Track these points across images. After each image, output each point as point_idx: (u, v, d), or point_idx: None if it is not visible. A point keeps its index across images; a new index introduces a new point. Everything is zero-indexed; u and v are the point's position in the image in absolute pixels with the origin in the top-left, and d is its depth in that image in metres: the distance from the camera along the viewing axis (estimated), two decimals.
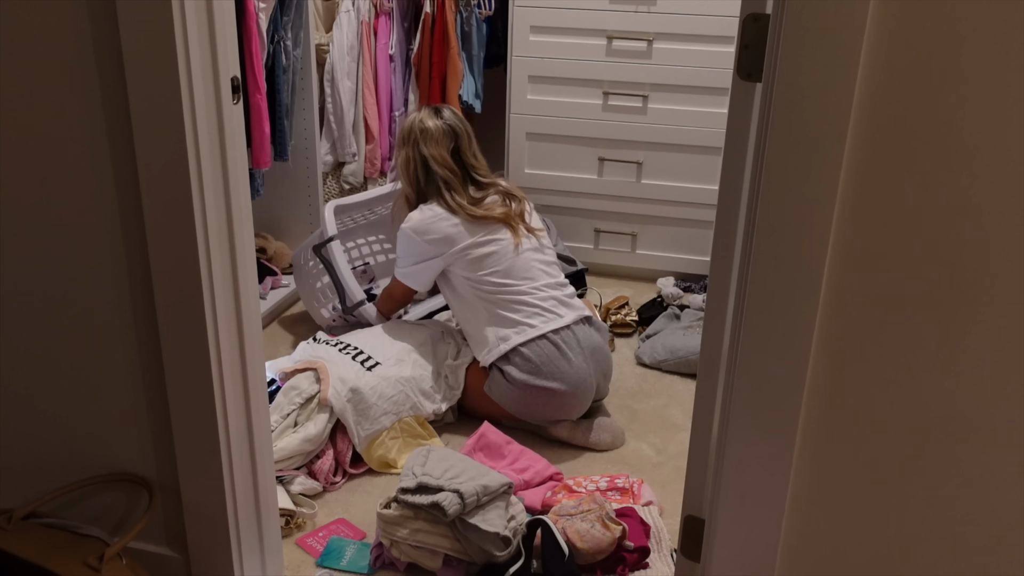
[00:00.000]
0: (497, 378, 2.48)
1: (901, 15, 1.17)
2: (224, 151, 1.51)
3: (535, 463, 2.29)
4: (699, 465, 1.63)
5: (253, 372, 1.68)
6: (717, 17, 3.20)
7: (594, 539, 1.93)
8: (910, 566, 1.46)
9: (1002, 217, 1.23)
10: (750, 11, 1.31)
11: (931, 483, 1.40)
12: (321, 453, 2.26)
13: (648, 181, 3.45)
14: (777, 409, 1.40)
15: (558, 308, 2.51)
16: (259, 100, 2.83)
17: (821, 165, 1.25)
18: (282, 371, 2.43)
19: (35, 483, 1.74)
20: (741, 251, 1.40)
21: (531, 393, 2.43)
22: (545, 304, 2.49)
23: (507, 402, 2.47)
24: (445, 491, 1.89)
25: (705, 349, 1.55)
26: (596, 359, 2.51)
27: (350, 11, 3.41)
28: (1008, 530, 1.39)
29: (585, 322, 2.54)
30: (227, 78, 1.48)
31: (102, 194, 1.53)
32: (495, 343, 2.47)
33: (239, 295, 1.60)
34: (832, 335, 1.35)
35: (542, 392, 2.42)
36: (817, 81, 1.21)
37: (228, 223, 1.55)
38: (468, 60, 3.54)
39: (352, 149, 3.57)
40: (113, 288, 1.60)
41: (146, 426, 1.69)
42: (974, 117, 1.20)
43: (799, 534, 1.48)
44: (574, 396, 2.45)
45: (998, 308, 1.28)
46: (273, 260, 3.32)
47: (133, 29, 1.39)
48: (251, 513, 1.76)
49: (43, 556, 1.53)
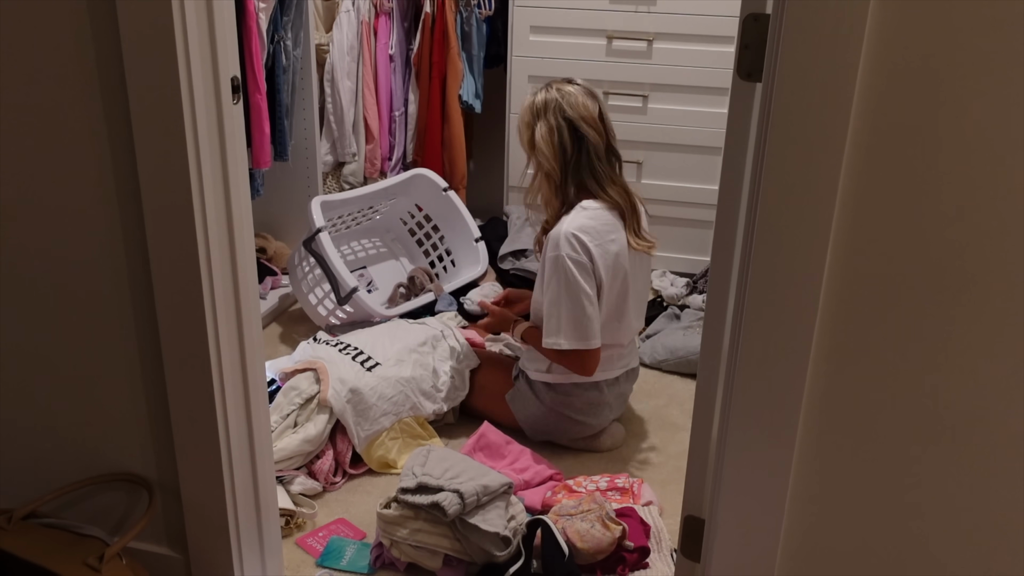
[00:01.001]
0: (525, 393, 2.42)
1: (901, 15, 1.17)
2: (224, 151, 1.51)
3: (535, 463, 2.29)
4: (699, 465, 1.63)
5: (253, 372, 1.68)
6: (717, 17, 3.20)
7: (594, 539, 1.93)
8: (910, 566, 1.46)
9: (1002, 216, 1.23)
10: (750, 11, 1.31)
11: (932, 482, 1.40)
12: (321, 453, 2.26)
13: (648, 181, 3.45)
14: (777, 409, 1.40)
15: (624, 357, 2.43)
16: (259, 100, 2.83)
17: (821, 165, 1.25)
18: (282, 371, 2.43)
19: (35, 483, 1.74)
20: (741, 251, 1.40)
21: (558, 420, 2.39)
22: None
23: (526, 418, 2.44)
24: (445, 491, 1.89)
25: (705, 349, 1.55)
26: (622, 404, 2.51)
27: (350, 11, 3.41)
28: (1010, 530, 1.39)
29: (632, 374, 2.50)
30: (227, 78, 1.48)
31: (102, 194, 1.53)
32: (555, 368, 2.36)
33: (239, 295, 1.60)
34: (832, 335, 1.35)
35: (569, 423, 2.39)
36: (817, 81, 1.21)
37: (228, 223, 1.55)
38: (468, 60, 3.54)
39: (352, 149, 3.56)
40: (113, 288, 1.60)
41: (146, 426, 1.69)
42: (974, 117, 1.20)
43: (799, 534, 1.48)
44: (595, 431, 2.44)
45: (998, 307, 1.28)
46: (273, 260, 3.32)
47: (133, 29, 1.39)
48: (251, 513, 1.76)
49: (43, 556, 1.53)
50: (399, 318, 2.88)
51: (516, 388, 2.46)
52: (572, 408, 2.38)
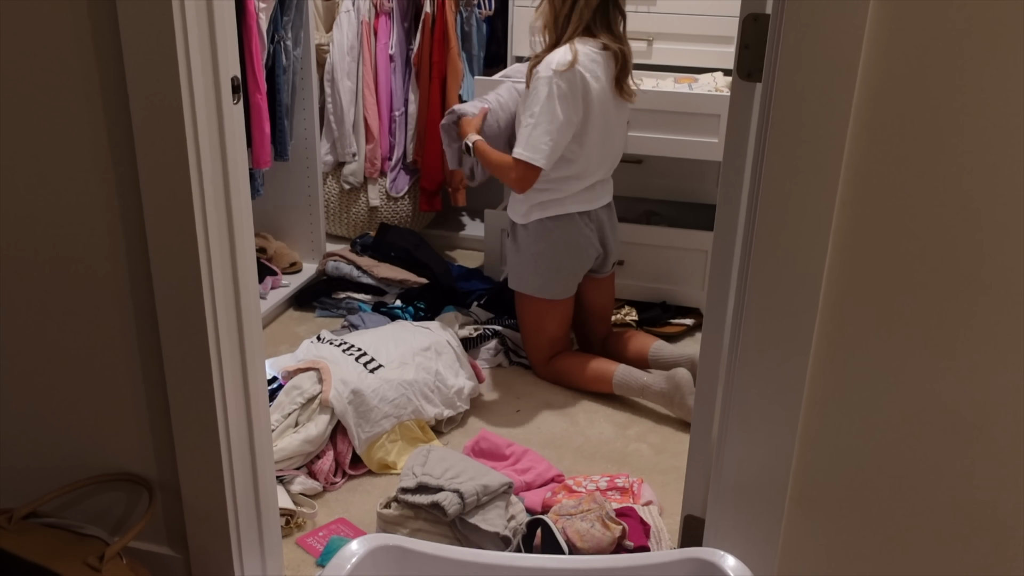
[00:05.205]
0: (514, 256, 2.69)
1: (901, 15, 1.18)
2: (224, 151, 1.51)
3: (536, 464, 2.29)
4: (699, 465, 1.63)
5: (253, 372, 1.68)
6: (717, 17, 3.19)
7: (594, 539, 1.93)
8: (910, 567, 1.46)
9: (1002, 215, 1.24)
10: (750, 11, 1.31)
11: (932, 481, 1.40)
12: (321, 453, 2.26)
13: (648, 181, 3.44)
14: (777, 409, 1.40)
15: (594, 193, 2.68)
16: (259, 100, 2.83)
17: (821, 165, 1.25)
18: (284, 370, 2.43)
19: (35, 483, 1.74)
20: (741, 251, 1.40)
21: (548, 266, 2.62)
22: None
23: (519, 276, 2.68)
24: (445, 491, 1.89)
25: (705, 349, 1.55)
26: (608, 242, 2.74)
27: (350, 11, 3.41)
28: (1012, 529, 1.40)
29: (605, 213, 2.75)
30: (227, 78, 1.48)
31: (102, 194, 1.53)
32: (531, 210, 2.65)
33: (239, 295, 1.60)
34: (832, 334, 1.35)
35: (556, 267, 2.62)
36: (817, 81, 1.21)
37: (228, 223, 1.55)
38: (468, 60, 3.54)
39: (352, 149, 3.57)
40: (113, 288, 1.60)
41: (146, 426, 1.69)
42: (973, 116, 1.20)
43: (799, 534, 1.48)
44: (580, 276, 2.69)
45: (998, 307, 1.28)
46: (273, 260, 3.32)
47: (133, 29, 1.39)
48: (251, 513, 1.77)
49: (44, 556, 1.53)
50: (402, 320, 2.89)
51: (508, 263, 2.71)
52: (554, 245, 2.59)
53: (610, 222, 2.73)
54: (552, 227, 2.60)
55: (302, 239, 3.42)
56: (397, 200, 3.68)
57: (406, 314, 3.03)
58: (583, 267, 2.69)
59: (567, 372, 2.73)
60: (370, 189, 3.66)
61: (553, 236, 2.60)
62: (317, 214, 3.39)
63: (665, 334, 3.06)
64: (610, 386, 2.64)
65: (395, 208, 3.68)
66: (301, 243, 3.42)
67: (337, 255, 3.30)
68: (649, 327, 3.09)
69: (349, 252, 3.34)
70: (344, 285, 3.24)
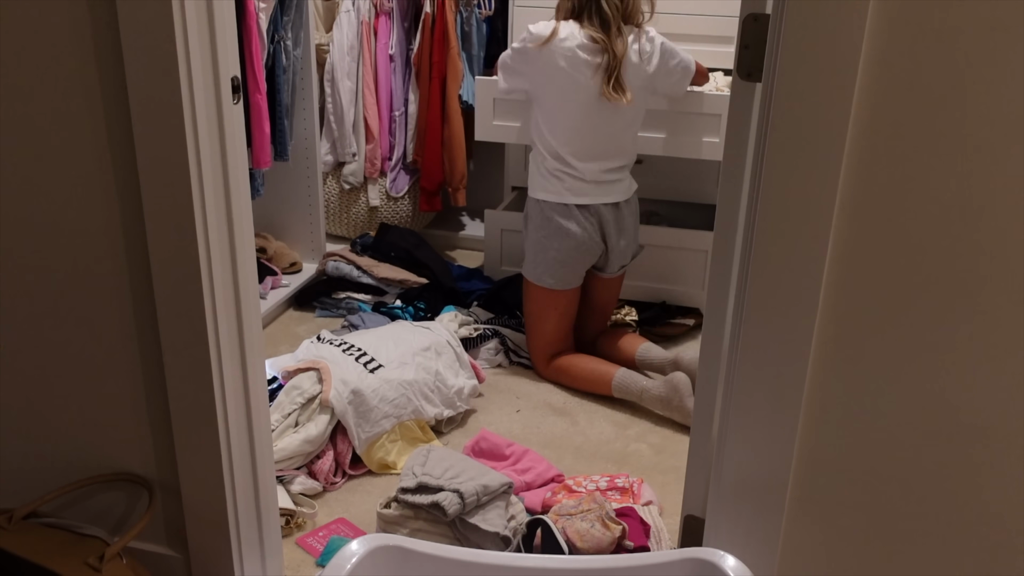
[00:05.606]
0: (525, 241, 2.77)
1: (901, 15, 1.17)
2: (224, 151, 1.51)
3: (536, 464, 2.29)
4: (699, 465, 1.63)
5: (253, 372, 1.68)
6: (717, 17, 3.19)
7: (594, 539, 1.93)
8: (910, 567, 1.46)
9: (1001, 216, 1.23)
10: (750, 11, 1.31)
11: (932, 481, 1.40)
12: (321, 453, 2.26)
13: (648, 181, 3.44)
14: (777, 409, 1.40)
15: (584, 189, 2.73)
16: (259, 100, 2.83)
17: (821, 165, 1.25)
18: (284, 370, 2.43)
19: (35, 483, 1.74)
20: (741, 251, 1.40)
21: (539, 245, 2.68)
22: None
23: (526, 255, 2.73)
24: (445, 491, 1.89)
25: (705, 349, 1.55)
26: (617, 246, 2.78)
27: (350, 11, 3.41)
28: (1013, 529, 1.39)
29: (613, 212, 2.77)
30: (227, 78, 1.48)
31: (102, 194, 1.53)
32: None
33: (239, 295, 1.60)
34: (832, 335, 1.35)
35: (544, 247, 2.67)
36: (817, 81, 1.21)
37: (228, 223, 1.55)
38: (468, 60, 3.54)
39: (352, 149, 3.57)
40: (113, 288, 1.60)
41: (146, 426, 1.69)
42: (973, 117, 1.20)
43: (799, 534, 1.48)
44: (565, 262, 2.67)
45: (998, 307, 1.28)
46: (273, 260, 3.32)
47: (133, 29, 1.39)
48: (251, 513, 1.77)
49: (44, 556, 1.53)
50: (402, 320, 2.88)
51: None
52: (550, 235, 2.66)
53: (617, 223, 2.72)
54: (550, 215, 2.66)
55: (302, 239, 3.42)
56: (397, 200, 3.68)
57: (406, 314, 3.03)
58: (580, 261, 2.70)
59: (567, 372, 2.73)
60: (370, 189, 3.66)
61: (551, 225, 2.66)
62: (317, 214, 3.39)
63: (665, 334, 3.06)
64: (609, 388, 2.64)
65: (395, 208, 3.69)
66: (301, 243, 3.42)
67: (337, 255, 3.30)
68: (649, 327, 3.09)
69: (349, 252, 3.34)
70: (344, 285, 3.24)
